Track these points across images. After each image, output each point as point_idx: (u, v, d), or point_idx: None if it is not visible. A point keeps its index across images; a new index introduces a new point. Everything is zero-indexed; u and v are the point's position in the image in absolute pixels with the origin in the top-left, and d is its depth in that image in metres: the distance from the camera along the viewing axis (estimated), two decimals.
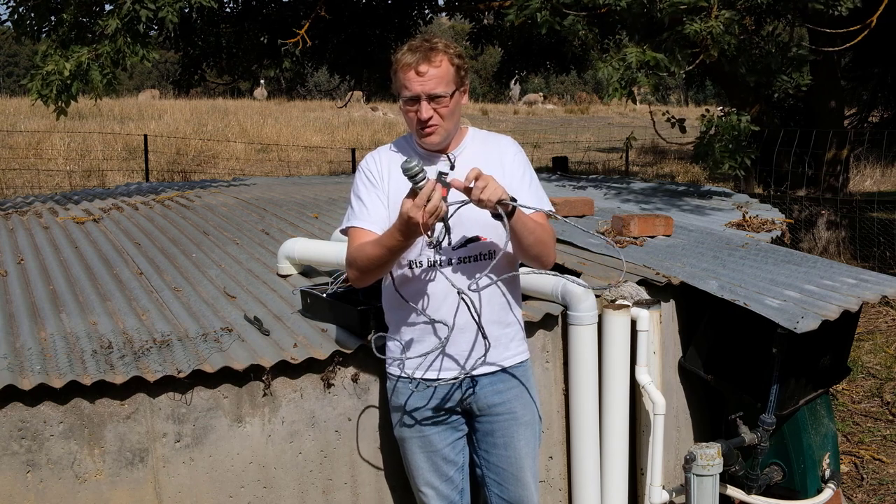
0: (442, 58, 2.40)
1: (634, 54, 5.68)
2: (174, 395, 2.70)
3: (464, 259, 2.47)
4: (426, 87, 2.38)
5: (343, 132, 21.95)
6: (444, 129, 2.45)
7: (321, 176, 11.09)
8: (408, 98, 2.41)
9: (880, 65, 12.27)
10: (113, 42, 5.89)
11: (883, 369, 5.71)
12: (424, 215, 2.18)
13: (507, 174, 2.48)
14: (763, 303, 3.16)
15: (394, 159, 2.51)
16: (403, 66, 2.39)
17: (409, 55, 2.39)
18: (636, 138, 7.45)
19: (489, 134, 2.63)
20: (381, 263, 2.41)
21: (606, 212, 5.09)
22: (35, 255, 4.15)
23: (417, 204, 2.19)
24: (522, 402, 2.59)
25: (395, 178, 2.47)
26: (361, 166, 2.57)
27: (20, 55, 39.86)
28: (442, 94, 2.39)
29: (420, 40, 2.43)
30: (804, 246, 8.65)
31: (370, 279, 2.49)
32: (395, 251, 2.36)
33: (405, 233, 2.26)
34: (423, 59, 2.38)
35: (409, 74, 2.38)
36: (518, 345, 2.61)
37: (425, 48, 2.39)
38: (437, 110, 2.41)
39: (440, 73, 2.39)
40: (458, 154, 2.52)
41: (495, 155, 2.53)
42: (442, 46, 2.41)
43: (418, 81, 2.38)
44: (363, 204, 2.50)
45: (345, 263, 2.60)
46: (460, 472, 2.64)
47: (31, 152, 16.81)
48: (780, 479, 3.37)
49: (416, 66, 2.37)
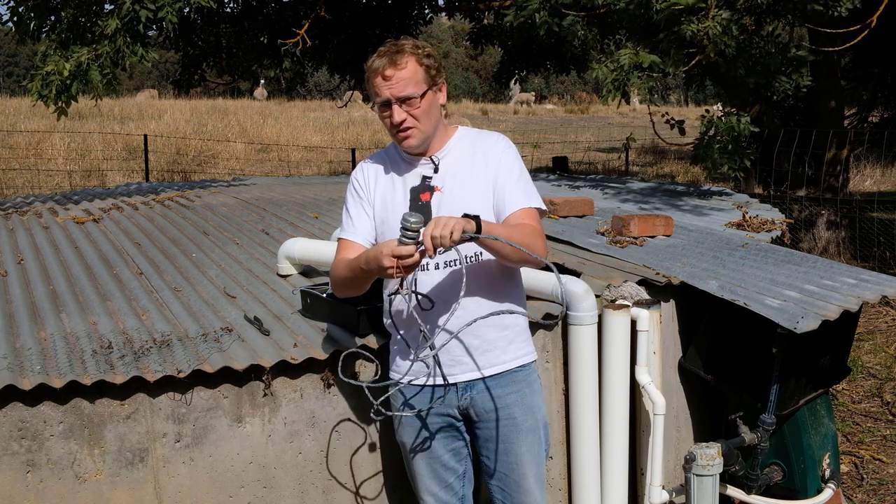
0: (408, 59, 2.39)
1: (627, 56, 5.69)
2: (174, 395, 2.70)
3: (449, 263, 2.44)
4: (394, 90, 2.37)
5: (343, 132, 21.95)
6: (421, 130, 2.43)
7: (321, 176, 11.09)
8: (380, 103, 2.41)
9: (880, 65, 12.27)
10: (112, 42, 5.89)
11: (883, 369, 5.71)
12: (395, 269, 2.19)
13: (491, 172, 2.47)
14: (763, 303, 3.16)
15: (380, 168, 2.55)
16: (372, 71, 2.40)
17: (377, 60, 2.39)
18: (635, 139, 7.44)
19: (480, 133, 2.59)
20: (349, 284, 2.47)
21: (606, 212, 5.09)
22: (35, 255, 4.15)
23: (394, 253, 2.19)
24: (522, 407, 2.52)
25: (381, 186, 2.52)
26: (352, 177, 2.60)
27: (20, 55, 39.86)
28: (411, 95, 2.38)
29: (389, 44, 2.43)
30: (804, 246, 8.65)
31: (345, 294, 2.56)
32: (360, 279, 2.40)
33: (371, 269, 2.30)
34: (389, 62, 2.37)
35: (377, 80, 2.39)
36: (519, 347, 2.54)
37: (391, 52, 2.39)
38: (409, 112, 2.40)
39: (407, 75, 2.38)
40: (441, 157, 2.51)
41: (482, 153, 2.50)
42: (409, 48, 2.40)
43: (385, 86, 2.38)
44: (349, 215, 2.55)
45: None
46: (460, 479, 2.61)
47: (31, 152, 16.80)
48: (780, 479, 3.37)
49: (382, 71, 2.37)
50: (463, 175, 2.48)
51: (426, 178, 2.48)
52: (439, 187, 2.47)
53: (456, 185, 2.47)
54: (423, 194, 2.47)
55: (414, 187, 2.49)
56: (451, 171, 2.49)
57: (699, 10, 5.65)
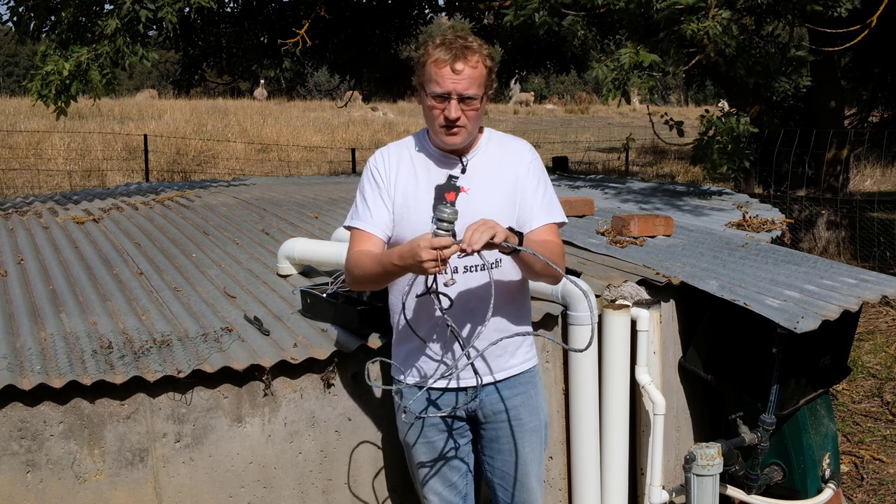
0: (478, 58, 2.33)
1: (628, 55, 5.68)
2: (174, 395, 2.70)
3: (470, 268, 2.44)
4: (459, 86, 2.31)
5: (343, 132, 21.94)
6: (468, 131, 2.38)
7: (321, 176, 11.09)
8: (437, 94, 2.32)
9: (880, 65, 12.26)
10: (112, 42, 5.89)
11: (883, 369, 5.71)
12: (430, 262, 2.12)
13: (520, 187, 2.45)
14: (763, 303, 3.16)
15: (402, 159, 2.47)
16: (437, 60, 2.31)
17: (444, 51, 2.30)
18: (635, 139, 7.45)
19: (504, 137, 2.56)
20: (375, 280, 2.39)
21: (606, 212, 5.09)
22: (35, 255, 4.15)
23: (433, 245, 2.12)
24: (528, 408, 2.56)
25: (402, 178, 2.43)
26: (370, 164, 2.50)
27: (20, 55, 39.86)
28: (473, 95, 2.33)
29: (454, 36, 2.34)
30: (804, 246, 8.65)
31: (364, 289, 2.48)
32: (391, 274, 2.32)
33: (406, 265, 2.21)
34: (461, 56, 2.30)
35: (444, 70, 2.30)
36: (526, 352, 2.57)
37: (461, 45, 2.31)
38: (464, 111, 2.34)
39: (476, 74, 2.32)
40: (470, 158, 2.46)
41: (509, 161, 2.48)
42: (479, 47, 2.34)
43: (452, 79, 2.30)
44: (367, 205, 2.45)
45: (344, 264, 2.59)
46: (464, 477, 2.62)
47: (31, 152, 16.80)
48: (780, 479, 3.37)
49: (451, 63, 2.29)
50: (489, 180, 2.45)
51: (453, 177, 2.43)
52: (465, 189, 2.43)
53: (482, 188, 2.43)
54: (449, 194, 2.42)
55: (439, 185, 2.43)
56: (478, 174, 2.45)
57: (699, 9, 5.65)
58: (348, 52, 10.39)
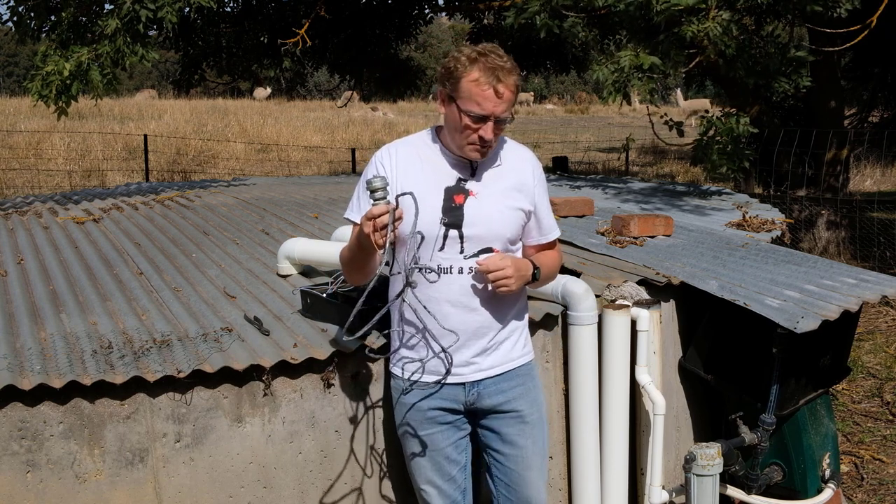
0: (514, 80, 2.35)
1: (628, 57, 5.68)
2: (174, 395, 2.70)
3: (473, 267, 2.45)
4: (498, 109, 2.34)
5: (343, 132, 21.94)
6: (492, 149, 2.45)
7: (321, 176, 11.09)
8: (476, 116, 2.34)
9: (880, 65, 12.26)
10: (112, 42, 5.89)
11: (883, 369, 5.72)
12: (371, 231, 2.19)
13: (527, 199, 2.51)
14: (763, 303, 3.16)
15: (410, 158, 2.49)
16: (479, 81, 2.31)
17: (485, 72, 2.31)
18: (634, 140, 7.45)
19: (510, 143, 2.59)
20: (351, 265, 2.47)
21: (606, 212, 5.09)
22: (35, 255, 4.15)
23: (366, 216, 2.21)
24: (528, 400, 2.59)
25: (410, 177, 2.45)
26: (376, 158, 2.51)
27: (20, 55, 39.87)
28: (506, 118, 2.37)
29: (493, 55, 2.33)
30: (804, 246, 8.65)
31: (353, 279, 2.55)
32: (357, 257, 2.39)
33: (362, 242, 2.29)
34: (504, 80, 2.31)
35: (487, 93, 2.31)
36: (522, 346, 2.61)
37: (503, 68, 2.32)
38: (495, 132, 2.38)
39: (513, 98, 2.37)
40: (481, 162, 2.49)
41: (513, 167, 2.52)
42: (511, 66, 2.35)
43: (494, 102, 2.32)
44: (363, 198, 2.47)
45: None
46: (463, 471, 2.64)
47: (31, 152, 16.79)
48: (780, 479, 3.37)
49: (495, 85, 2.31)
50: (497, 185, 2.48)
51: (462, 179, 2.46)
52: (474, 192, 2.46)
53: (490, 193, 2.47)
54: (457, 196, 2.45)
55: (448, 187, 2.46)
56: (487, 178, 2.48)
57: (699, 10, 5.64)
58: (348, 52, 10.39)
